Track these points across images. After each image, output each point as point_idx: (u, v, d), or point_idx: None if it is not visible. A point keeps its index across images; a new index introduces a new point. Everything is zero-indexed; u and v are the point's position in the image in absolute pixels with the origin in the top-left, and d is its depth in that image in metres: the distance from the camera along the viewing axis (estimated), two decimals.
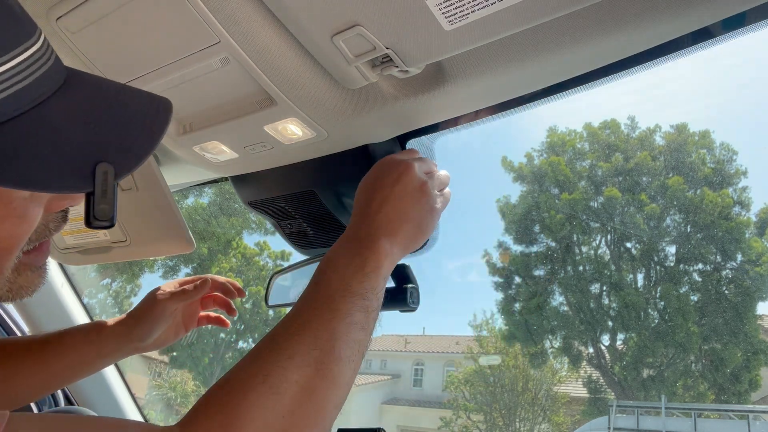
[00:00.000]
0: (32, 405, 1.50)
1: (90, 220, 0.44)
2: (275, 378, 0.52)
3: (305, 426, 0.52)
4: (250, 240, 14.59)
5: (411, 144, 0.90)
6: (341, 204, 0.97)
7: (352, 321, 0.58)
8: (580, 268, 12.08)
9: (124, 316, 0.95)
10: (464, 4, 0.55)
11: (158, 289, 0.97)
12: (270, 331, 0.58)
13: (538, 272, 12.28)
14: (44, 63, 0.42)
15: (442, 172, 0.75)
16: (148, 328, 0.93)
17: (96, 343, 0.91)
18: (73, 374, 0.92)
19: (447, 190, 0.75)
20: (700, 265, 11.24)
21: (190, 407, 0.52)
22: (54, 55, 0.44)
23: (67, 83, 0.44)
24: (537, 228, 12.20)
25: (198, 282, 0.96)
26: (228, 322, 1.04)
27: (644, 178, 11.73)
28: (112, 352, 0.93)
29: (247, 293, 14.15)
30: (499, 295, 12.46)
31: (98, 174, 0.43)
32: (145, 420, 1.70)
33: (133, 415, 1.60)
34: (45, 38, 0.43)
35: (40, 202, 0.47)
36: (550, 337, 12.13)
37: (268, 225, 1.10)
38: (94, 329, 0.93)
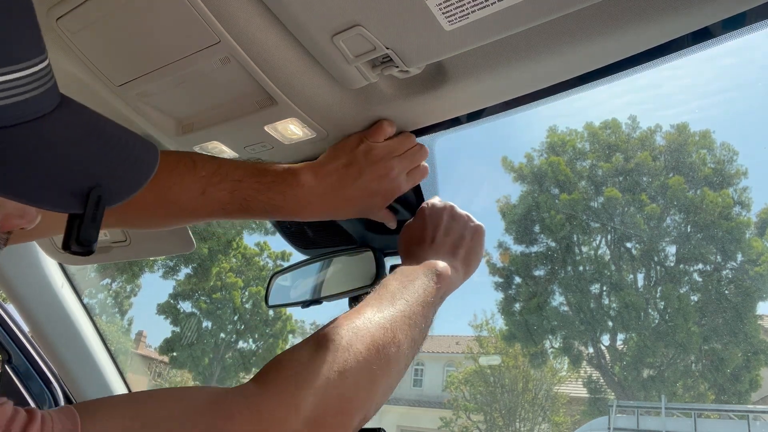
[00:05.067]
0: (31, 403, 1.50)
1: (70, 243, 0.42)
2: (342, 342, 0.57)
3: (357, 393, 0.57)
4: (250, 240, 14.61)
5: None
6: None
7: (415, 323, 0.65)
8: (580, 268, 12.08)
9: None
10: (464, 4, 0.55)
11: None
12: (340, 316, 0.64)
13: (538, 272, 12.28)
14: (47, 81, 0.43)
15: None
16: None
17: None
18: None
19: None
20: (701, 265, 11.24)
21: None
22: (53, 77, 0.44)
23: (61, 107, 0.45)
24: (537, 228, 12.20)
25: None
26: None
27: (644, 178, 11.73)
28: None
29: (247, 293, 14.16)
30: (500, 295, 12.47)
31: (92, 196, 0.42)
32: None
33: None
34: (49, 59, 0.44)
35: None
36: (550, 337, 12.13)
37: (269, 225, 1.09)
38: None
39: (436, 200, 0.85)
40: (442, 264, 0.73)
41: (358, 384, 0.57)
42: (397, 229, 0.88)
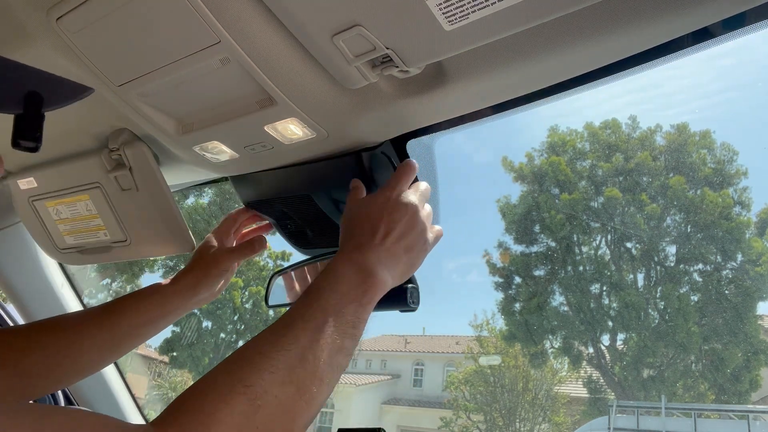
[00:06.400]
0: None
1: (18, 140, 0.50)
2: (257, 389, 0.53)
3: None
4: None
5: (411, 144, 0.89)
6: (337, 209, 0.97)
7: (340, 347, 0.61)
8: (581, 268, 12.08)
9: (184, 274, 0.95)
10: (464, 4, 0.55)
11: (213, 243, 0.98)
12: (256, 339, 0.59)
13: (539, 272, 12.29)
14: None
15: (427, 207, 0.78)
16: (214, 284, 0.96)
17: (161, 304, 0.92)
18: (137, 336, 0.91)
19: (438, 227, 0.79)
20: (701, 265, 11.25)
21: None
22: None
23: None
24: (537, 228, 12.21)
25: (255, 239, 1.01)
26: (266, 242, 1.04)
27: (645, 178, 11.73)
28: (176, 309, 0.94)
29: (247, 293, 14.15)
30: (500, 295, 12.48)
31: (29, 98, 0.50)
32: (146, 420, 1.70)
33: (134, 414, 1.60)
34: None
35: None
36: (550, 337, 12.14)
37: None
38: (157, 292, 0.93)
39: (407, 179, 0.78)
40: (381, 281, 0.67)
41: (276, 429, 0.53)
42: None
